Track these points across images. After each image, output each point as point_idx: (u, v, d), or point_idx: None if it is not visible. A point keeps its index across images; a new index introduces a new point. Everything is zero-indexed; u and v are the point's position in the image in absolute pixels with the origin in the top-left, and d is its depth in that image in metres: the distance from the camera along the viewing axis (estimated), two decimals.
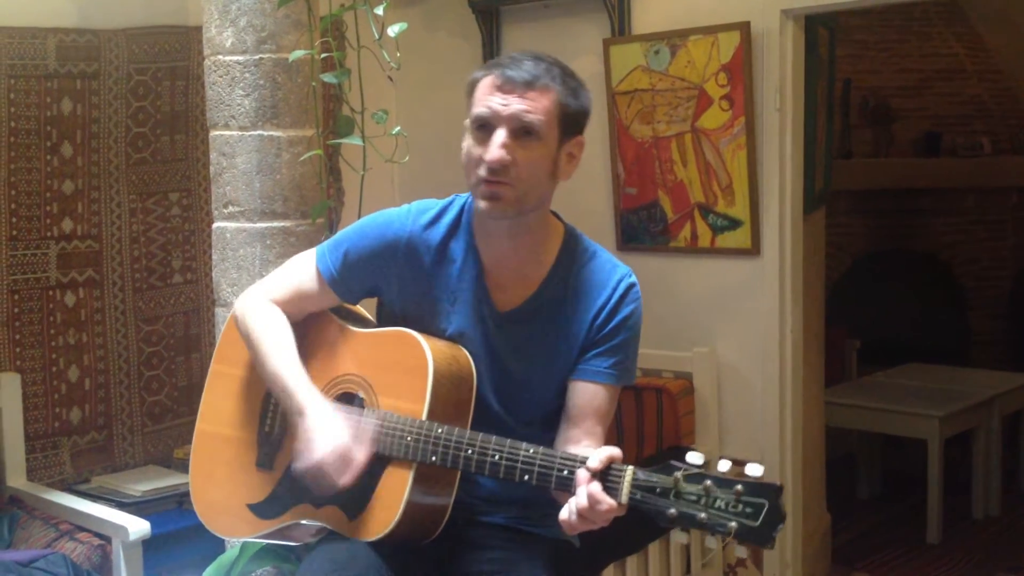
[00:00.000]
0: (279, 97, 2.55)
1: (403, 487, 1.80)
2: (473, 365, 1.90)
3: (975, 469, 4.59)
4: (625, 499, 1.63)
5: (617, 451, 1.67)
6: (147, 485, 3.34)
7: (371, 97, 2.66)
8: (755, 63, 3.33)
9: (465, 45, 3.99)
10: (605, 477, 1.65)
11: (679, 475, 1.60)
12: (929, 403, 4.47)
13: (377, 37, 2.50)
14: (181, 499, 3.34)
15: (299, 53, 2.51)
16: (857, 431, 4.80)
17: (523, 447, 1.74)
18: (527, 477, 1.72)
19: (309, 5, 2.57)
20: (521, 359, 1.92)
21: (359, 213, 2.38)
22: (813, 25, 3.47)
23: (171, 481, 3.39)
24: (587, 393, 1.90)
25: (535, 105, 1.80)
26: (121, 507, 3.15)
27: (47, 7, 3.29)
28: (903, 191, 6.13)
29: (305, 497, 1.93)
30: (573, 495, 1.68)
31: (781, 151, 3.35)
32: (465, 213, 1.96)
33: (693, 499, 1.59)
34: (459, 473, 1.85)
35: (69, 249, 3.40)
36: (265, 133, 2.55)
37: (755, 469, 1.58)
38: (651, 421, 3.44)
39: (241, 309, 2.04)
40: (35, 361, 3.34)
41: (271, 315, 2.00)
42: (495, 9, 3.90)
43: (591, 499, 1.63)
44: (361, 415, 1.88)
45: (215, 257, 2.64)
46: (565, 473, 1.69)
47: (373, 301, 2.07)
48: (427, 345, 1.87)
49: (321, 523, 1.91)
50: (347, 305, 2.09)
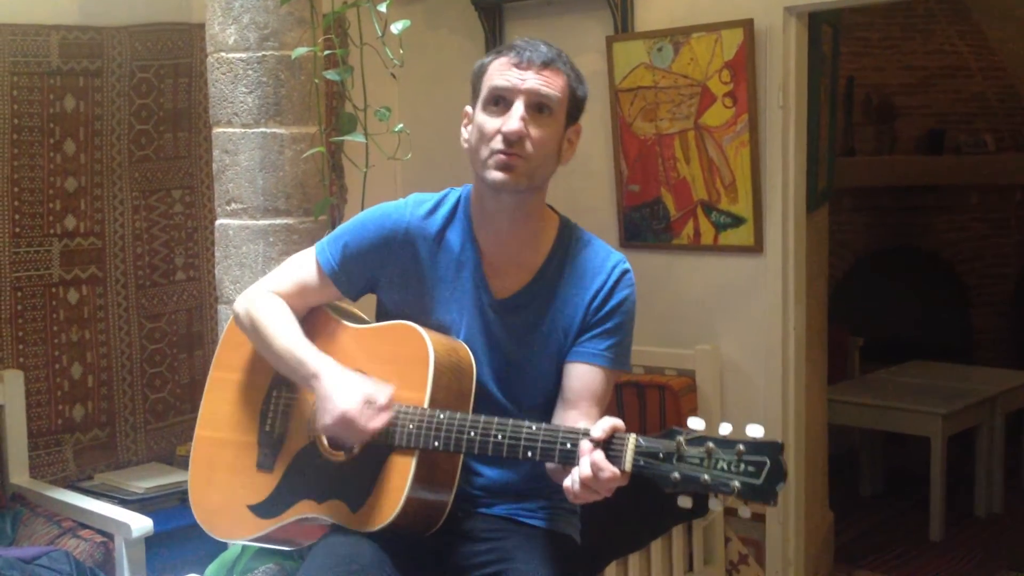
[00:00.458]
0: (282, 94, 2.55)
1: (406, 475, 1.81)
2: (472, 357, 1.92)
3: (978, 467, 4.59)
4: (628, 466, 1.64)
5: (619, 422, 1.68)
6: (150, 482, 3.35)
7: (374, 94, 2.67)
8: (758, 60, 3.33)
9: (468, 42, 3.99)
10: (608, 446, 1.66)
11: (681, 439, 1.62)
12: (932, 401, 4.47)
13: (380, 34, 2.50)
14: (184, 496, 3.31)
15: (302, 50, 2.51)
16: (860, 429, 4.80)
17: (525, 424, 1.75)
18: (530, 454, 1.73)
19: (312, 2, 2.57)
20: (520, 345, 1.94)
21: (362, 210, 2.38)
22: (816, 22, 3.47)
23: (174, 478, 3.39)
24: (583, 375, 1.91)
25: (551, 83, 1.87)
26: (124, 504, 3.16)
27: (50, 4, 3.29)
28: (906, 189, 6.12)
29: (307, 493, 1.94)
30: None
31: (784, 148, 3.35)
32: (462, 204, 1.98)
33: (696, 462, 1.60)
34: (460, 461, 1.86)
35: (72, 246, 3.40)
36: (268, 130, 2.55)
37: (755, 430, 1.59)
38: (654, 418, 3.44)
39: (243, 304, 2.05)
40: (38, 358, 3.34)
41: (274, 303, 2.02)
42: (498, 6, 3.90)
43: (594, 467, 1.64)
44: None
45: (218, 254, 2.64)
46: (568, 446, 1.70)
47: (372, 305, 2.08)
48: (427, 335, 1.88)
49: (324, 517, 1.91)
50: (346, 306, 2.10)
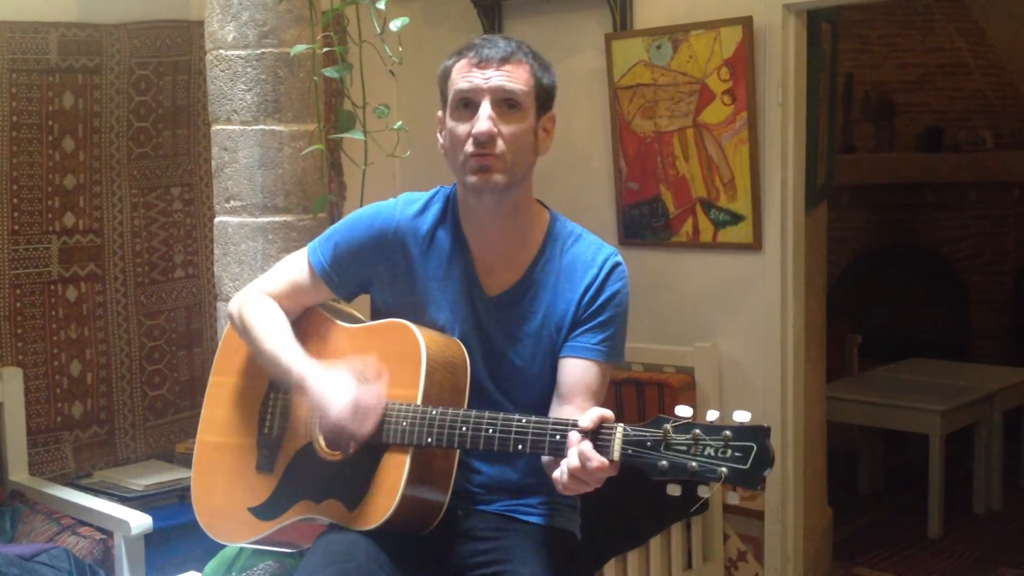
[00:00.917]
0: (281, 92, 2.55)
1: (400, 473, 1.81)
2: (466, 353, 1.92)
3: (976, 464, 4.60)
4: (617, 455, 1.64)
5: (608, 412, 1.68)
6: (149, 480, 3.35)
7: (373, 92, 2.66)
8: (757, 58, 3.33)
9: (467, 40, 3.98)
10: (596, 436, 1.66)
11: (668, 427, 1.62)
12: (931, 398, 4.47)
13: (379, 32, 2.50)
14: (183, 493, 3.34)
15: (301, 48, 2.51)
16: (859, 426, 4.80)
17: (515, 418, 1.75)
18: (521, 447, 1.73)
19: (311, 0, 2.57)
20: (513, 342, 1.94)
21: (360, 207, 2.38)
22: (816, 20, 3.47)
23: (173, 476, 3.39)
24: (577, 370, 1.91)
25: (514, 76, 1.87)
26: (123, 501, 3.16)
27: (49, 2, 3.28)
28: (905, 186, 6.13)
29: (305, 494, 1.95)
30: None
31: (783, 146, 3.35)
32: (451, 202, 1.98)
33: (683, 449, 1.60)
34: (457, 459, 1.87)
35: (71, 243, 3.40)
36: (267, 128, 2.55)
37: (742, 415, 1.59)
38: (653, 416, 3.43)
39: (237, 305, 2.06)
40: (37, 356, 3.34)
41: (266, 304, 2.02)
42: (497, 4, 3.89)
43: (582, 457, 1.64)
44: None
45: (217, 252, 2.64)
46: (557, 438, 1.70)
47: (366, 304, 2.08)
48: (419, 332, 1.88)
49: (322, 517, 1.91)
50: (341, 306, 2.10)
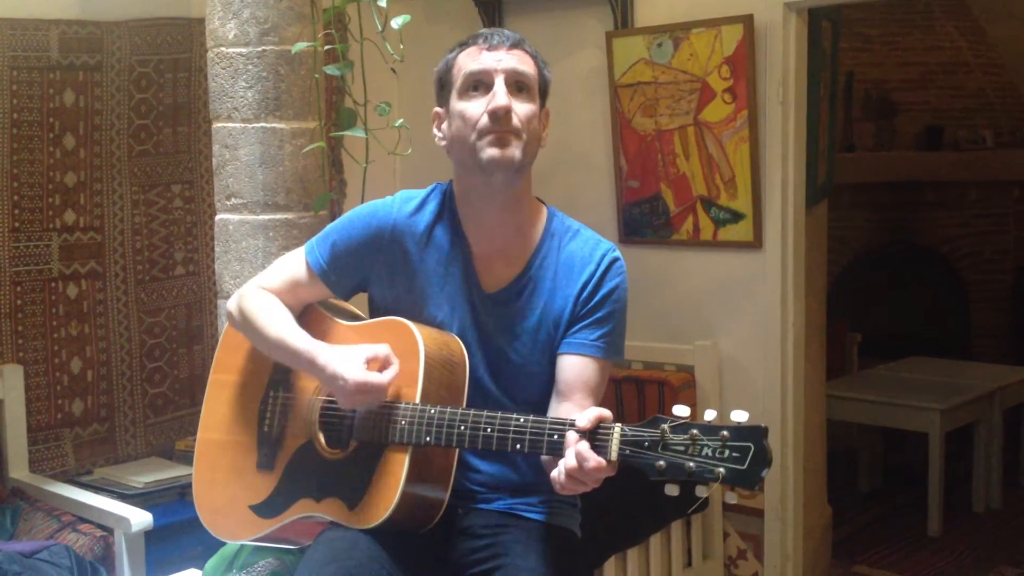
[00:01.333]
0: (282, 89, 2.55)
1: (400, 471, 1.82)
2: (465, 350, 1.92)
3: (976, 462, 4.60)
4: (614, 455, 1.64)
5: (606, 412, 1.68)
6: (149, 477, 3.35)
7: (374, 89, 2.66)
8: (758, 56, 3.32)
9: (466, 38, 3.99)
10: (594, 436, 1.66)
11: (666, 427, 1.62)
12: (930, 396, 4.48)
13: (380, 29, 2.50)
14: (183, 491, 3.35)
15: (302, 45, 2.51)
16: (858, 424, 4.80)
17: (513, 417, 1.75)
18: (519, 446, 1.73)
19: None
20: (511, 338, 1.94)
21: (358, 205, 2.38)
22: (816, 18, 3.47)
23: (173, 473, 3.40)
24: (575, 367, 1.91)
25: (525, 61, 1.89)
26: (123, 499, 3.16)
27: None
28: (905, 184, 6.13)
29: (306, 492, 1.95)
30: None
31: (784, 144, 3.35)
32: (448, 199, 1.98)
33: (680, 449, 1.60)
34: (456, 457, 1.87)
35: (71, 241, 3.40)
36: (268, 125, 2.55)
37: (740, 415, 1.59)
38: (653, 414, 3.43)
39: (236, 302, 2.06)
40: (37, 353, 3.35)
41: (266, 297, 2.03)
42: (497, 1, 3.89)
43: (579, 457, 1.64)
44: None
45: (217, 249, 2.64)
46: (555, 437, 1.70)
47: (366, 302, 2.08)
48: (417, 331, 1.88)
49: (323, 515, 1.91)
50: (340, 303, 2.10)
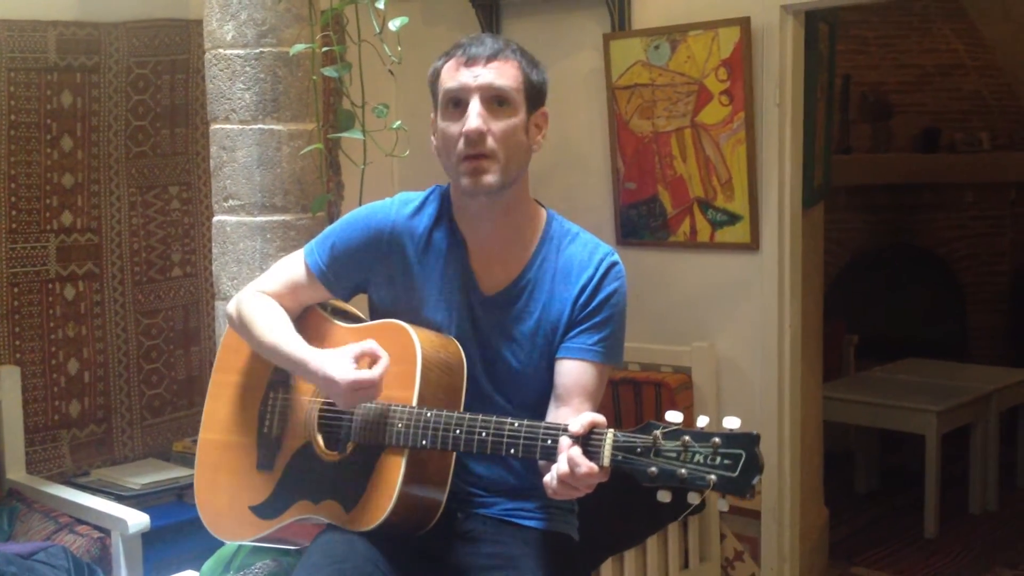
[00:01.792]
0: (280, 91, 2.56)
1: (396, 474, 1.82)
2: (463, 352, 1.92)
3: (972, 464, 4.61)
4: (607, 461, 1.63)
5: (600, 417, 1.68)
6: (146, 478, 3.35)
7: (371, 91, 2.67)
8: (755, 58, 3.33)
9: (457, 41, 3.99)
10: (587, 442, 1.66)
11: (658, 433, 1.61)
12: (927, 398, 4.48)
13: (378, 31, 2.50)
14: (180, 492, 3.35)
15: (300, 47, 2.51)
16: (855, 426, 4.81)
17: (508, 421, 1.75)
18: (513, 451, 1.73)
19: None
20: (509, 342, 1.93)
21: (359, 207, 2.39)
22: (813, 20, 3.47)
23: (170, 474, 3.40)
24: (574, 371, 1.90)
25: (503, 73, 1.86)
26: (120, 500, 3.16)
27: (47, 0, 3.29)
28: (902, 186, 6.14)
29: (304, 494, 1.95)
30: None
31: (780, 146, 3.35)
32: (447, 201, 1.98)
33: (672, 455, 1.59)
34: (453, 459, 1.87)
35: (69, 242, 3.40)
36: (265, 127, 2.56)
37: (732, 422, 1.59)
38: (650, 416, 3.44)
39: (235, 305, 2.07)
40: (34, 354, 3.34)
41: (265, 301, 2.03)
42: (495, 4, 3.89)
43: (571, 462, 1.64)
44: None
45: (215, 251, 2.64)
46: (548, 442, 1.70)
47: (365, 303, 2.08)
48: (415, 333, 1.88)
49: (321, 517, 1.92)
50: (340, 304, 2.10)
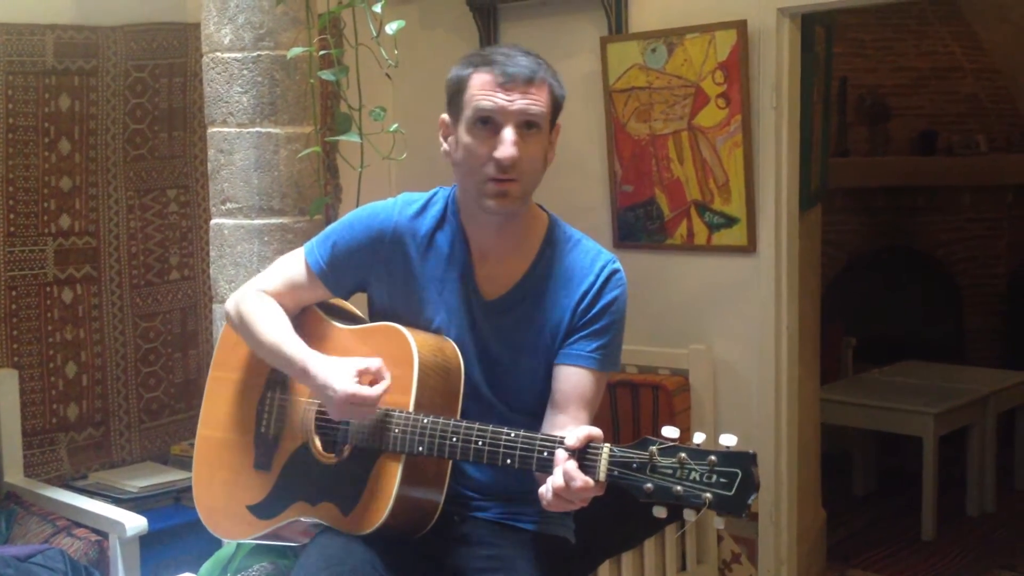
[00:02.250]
0: (277, 94, 2.56)
1: (393, 478, 1.82)
2: (460, 356, 1.92)
3: (970, 466, 4.61)
4: (602, 476, 1.64)
5: (597, 431, 1.68)
6: (144, 481, 3.35)
7: (369, 94, 2.67)
8: (752, 61, 3.34)
9: (463, 43, 4.00)
10: (583, 456, 1.66)
11: (654, 449, 1.61)
12: (924, 400, 4.49)
13: (375, 35, 2.51)
14: (178, 495, 3.35)
15: (297, 50, 2.52)
16: (853, 428, 4.81)
17: (504, 431, 1.75)
18: (509, 461, 1.73)
19: (307, 2, 2.58)
20: (508, 346, 1.94)
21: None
22: (810, 23, 3.48)
23: (168, 477, 3.40)
24: (571, 378, 1.90)
25: (538, 99, 1.84)
26: (118, 503, 3.16)
27: (46, 4, 3.29)
28: (899, 189, 6.14)
29: (301, 495, 1.95)
30: None
31: (777, 149, 3.36)
32: (450, 204, 1.98)
33: (668, 472, 1.60)
34: (450, 463, 1.87)
35: (67, 245, 3.41)
36: (263, 130, 2.56)
37: (728, 439, 1.59)
38: (647, 418, 3.45)
39: (234, 303, 2.06)
40: (32, 357, 3.34)
41: (263, 300, 2.03)
42: (492, 7, 3.90)
43: (566, 476, 1.64)
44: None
45: (213, 254, 2.65)
46: (544, 454, 1.70)
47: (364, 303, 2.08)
48: (412, 337, 1.88)
49: (318, 519, 1.92)
50: (339, 303, 2.11)
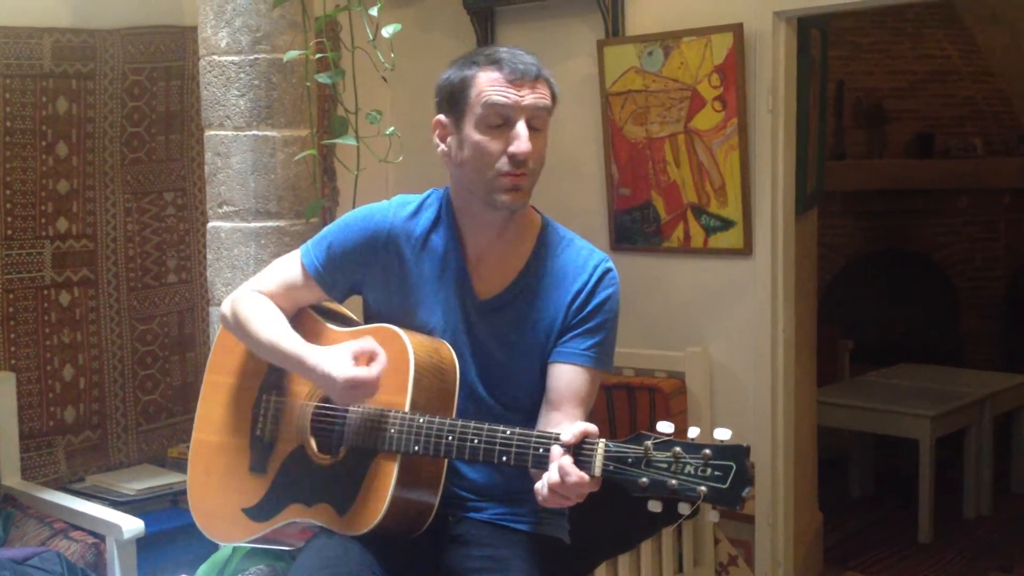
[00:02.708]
0: (274, 97, 2.57)
1: (389, 478, 1.82)
2: (456, 356, 1.93)
3: (966, 469, 4.61)
4: (598, 471, 1.65)
5: (592, 427, 1.69)
6: (141, 484, 3.35)
7: (365, 97, 2.68)
8: (748, 65, 3.34)
9: (460, 46, 4.00)
10: (578, 451, 1.67)
11: (649, 444, 1.62)
12: (921, 403, 4.49)
13: (371, 38, 2.51)
14: (175, 498, 3.35)
15: (294, 53, 2.52)
16: (850, 431, 4.81)
17: (500, 429, 1.76)
18: (505, 458, 1.74)
19: (304, 6, 2.58)
20: (502, 345, 1.95)
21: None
22: (805, 27, 3.49)
23: (165, 480, 3.40)
24: (565, 375, 1.92)
25: (544, 95, 1.89)
26: (115, 506, 3.16)
27: (43, 7, 3.30)
28: (896, 192, 6.15)
29: (297, 497, 1.96)
30: None
31: (773, 152, 3.37)
32: (445, 205, 1.99)
33: (663, 466, 1.61)
34: (445, 464, 1.87)
35: (64, 248, 3.41)
36: (260, 133, 2.57)
37: (723, 433, 1.60)
38: (644, 420, 3.45)
39: (230, 304, 2.07)
40: (30, 360, 3.35)
41: (259, 300, 2.04)
42: (490, 10, 3.91)
43: (562, 472, 1.65)
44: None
45: (209, 256, 2.65)
46: (540, 451, 1.71)
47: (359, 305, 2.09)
48: (407, 338, 1.89)
49: (313, 521, 1.92)
50: (333, 306, 2.11)
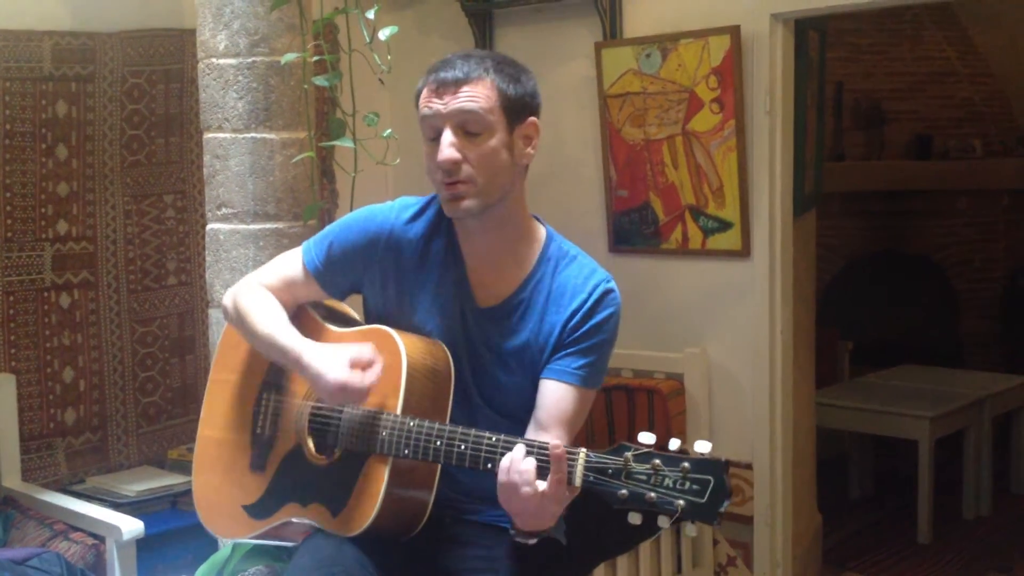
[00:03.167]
0: (272, 100, 2.58)
1: (381, 481, 1.83)
2: (451, 359, 1.93)
3: (966, 470, 4.62)
4: (578, 481, 1.65)
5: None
6: (141, 485, 3.36)
7: (363, 100, 2.69)
8: (745, 66, 3.35)
9: (457, 48, 3.98)
10: None
11: (629, 455, 1.62)
12: (920, 404, 4.49)
13: (368, 40, 2.52)
14: (175, 499, 3.36)
15: (291, 56, 2.53)
16: (849, 432, 4.82)
17: (486, 435, 1.76)
18: (490, 465, 1.74)
19: (301, 9, 2.59)
20: (498, 355, 1.94)
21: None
22: (803, 28, 3.49)
23: (165, 481, 3.41)
24: (554, 393, 1.90)
25: (472, 97, 1.83)
26: (115, 507, 3.17)
27: (43, 10, 3.31)
28: (895, 193, 6.16)
29: (293, 496, 1.96)
30: None
31: (771, 154, 3.37)
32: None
33: (643, 478, 1.61)
34: (439, 466, 1.87)
35: (64, 251, 3.42)
36: (258, 135, 2.57)
37: (703, 446, 1.60)
38: (642, 422, 3.45)
39: (231, 296, 2.07)
40: (30, 362, 3.36)
41: (261, 293, 2.04)
42: (488, 12, 3.91)
43: (513, 461, 1.67)
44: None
45: (208, 259, 2.66)
46: None
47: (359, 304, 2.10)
48: (401, 340, 1.89)
49: (308, 520, 1.93)
50: (333, 304, 2.12)
